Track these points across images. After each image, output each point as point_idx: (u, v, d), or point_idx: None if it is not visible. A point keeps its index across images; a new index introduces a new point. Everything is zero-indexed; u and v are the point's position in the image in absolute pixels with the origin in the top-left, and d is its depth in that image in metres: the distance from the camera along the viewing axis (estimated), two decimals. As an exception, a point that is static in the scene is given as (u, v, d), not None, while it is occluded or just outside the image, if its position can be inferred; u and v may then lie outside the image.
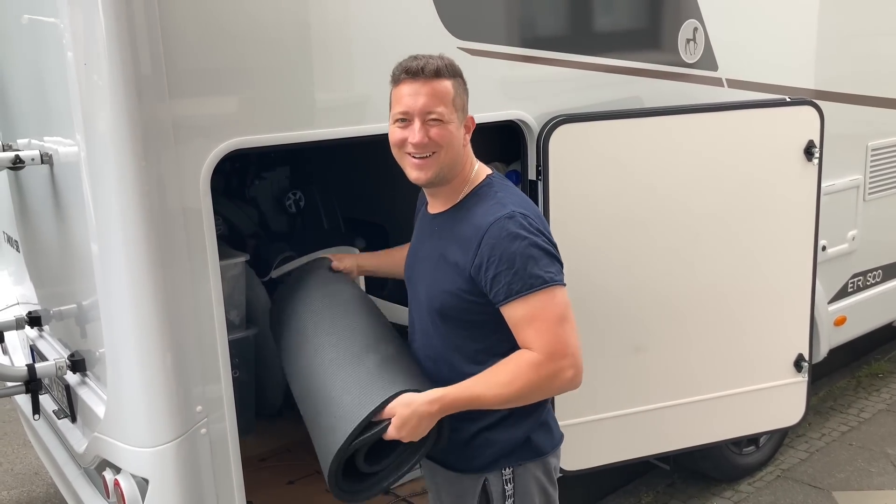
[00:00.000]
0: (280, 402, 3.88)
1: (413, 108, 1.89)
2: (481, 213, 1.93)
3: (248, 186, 4.57)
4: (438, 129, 1.90)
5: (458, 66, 1.97)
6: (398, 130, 1.94)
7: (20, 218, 3.31)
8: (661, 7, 3.14)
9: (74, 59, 2.12)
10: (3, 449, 4.81)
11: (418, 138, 1.89)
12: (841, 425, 4.52)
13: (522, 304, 1.87)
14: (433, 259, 2.03)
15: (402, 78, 1.92)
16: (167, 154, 2.09)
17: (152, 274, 2.11)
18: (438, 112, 1.89)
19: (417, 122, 1.89)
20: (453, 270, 1.95)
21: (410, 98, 1.90)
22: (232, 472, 2.35)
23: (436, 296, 2.01)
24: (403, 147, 1.94)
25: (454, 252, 1.96)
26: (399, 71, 1.94)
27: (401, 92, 1.92)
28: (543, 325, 1.87)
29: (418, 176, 1.95)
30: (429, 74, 1.89)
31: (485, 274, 1.88)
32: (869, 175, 4.22)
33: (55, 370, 2.70)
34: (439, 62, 1.92)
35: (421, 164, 1.93)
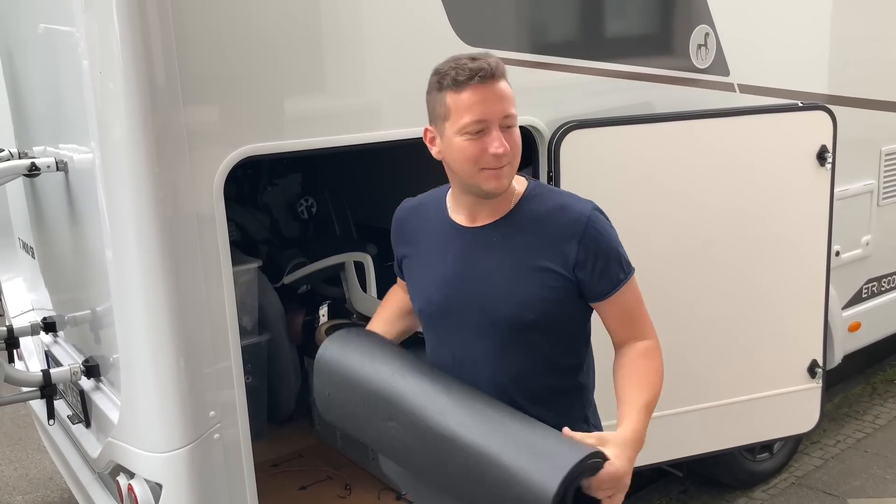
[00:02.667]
0: (292, 407, 3.89)
1: (491, 115, 1.68)
2: (559, 208, 1.81)
3: (261, 193, 4.60)
4: (513, 135, 1.73)
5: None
6: (471, 143, 1.70)
7: (35, 224, 3.34)
8: (672, 13, 3.14)
9: (89, 67, 2.14)
10: (17, 454, 4.84)
11: (504, 147, 1.69)
12: (856, 432, 4.48)
13: (626, 293, 1.82)
14: (505, 270, 1.80)
15: (467, 83, 1.68)
16: (181, 161, 2.11)
17: (166, 280, 2.12)
18: (513, 115, 1.72)
19: (496, 129, 1.69)
20: (546, 274, 1.78)
21: (485, 104, 1.68)
22: (244, 478, 2.36)
23: (521, 308, 1.79)
24: (480, 160, 1.71)
25: (542, 255, 1.78)
26: (462, 75, 1.69)
27: (469, 98, 1.68)
28: (642, 308, 1.88)
29: (497, 186, 1.74)
30: (498, 75, 1.70)
31: (592, 267, 1.77)
32: (883, 180, 4.20)
33: (70, 375, 2.72)
34: (493, 61, 1.72)
35: (500, 173, 1.72)
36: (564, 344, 1.86)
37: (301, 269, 3.93)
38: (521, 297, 1.79)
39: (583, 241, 1.76)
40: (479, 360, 1.84)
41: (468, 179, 1.75)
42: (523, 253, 1.80)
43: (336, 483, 3.43)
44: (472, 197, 1.81)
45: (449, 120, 1.72)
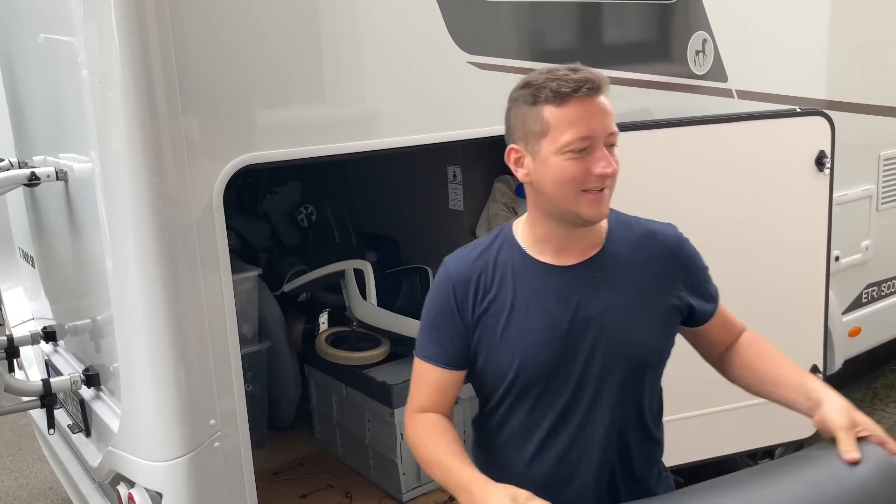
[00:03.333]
0: (293, 415, 3.89)
1: (598, 131, 1.52)
2: (648, 235, 1.70)
3: (261, 201, 4.60)
4: (614, 155, 1.56)
5: None
6: (574, 163, 1.51)
7: (35, 234, 3.34)
8: (670, 19, 3.15)
9: (89, 76, 2.15)
10: (18, 463, 4.83)
11: (612, 168, 1.53)
12: (857, 437, 4.47)
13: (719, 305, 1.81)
14: (619, 310, 1.62)
15: (571, 96, 1.50)
16: (180, 170, 2.11)
17: (166, 289, 2.13)
18: (615, 133, 1.56)
19: (601, 147, 1.53)
20: (660, 309, 1.66)
21: (591, 120, 1.51)
22: (245, 486, 2.35)
23: (645, 350, 1.65)
24: (584, 181, 1.52)
25: (650, 287, 1.65)
26: (566, 87, 1.51)
27: (573, 113, 1.50)
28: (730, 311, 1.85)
29: (598, 212, 1.56)
30: (603, 89, 1.55)
31: (698, 289, 1.73)
32: (882, 185, 4.20)
33: (70, 385, 2.72)
34: (596, 72, 1.56)
35: (601, 197, 1.55)
36: (658, 384, 1.75)
37: (301, 277, 3.93)
38: (644, 338, 1.63)
39: (685, 266, 1.71)
40: (596, 412, 1.64)
41: (565, 205, 1.55)
42: (632, 288, 1.64)
43: (337, 491, 3.43)
44: (565, 228, 1.60)
45: (547, 137, 1.52)
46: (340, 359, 3.51)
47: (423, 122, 2.57)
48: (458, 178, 3.54)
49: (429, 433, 1.66)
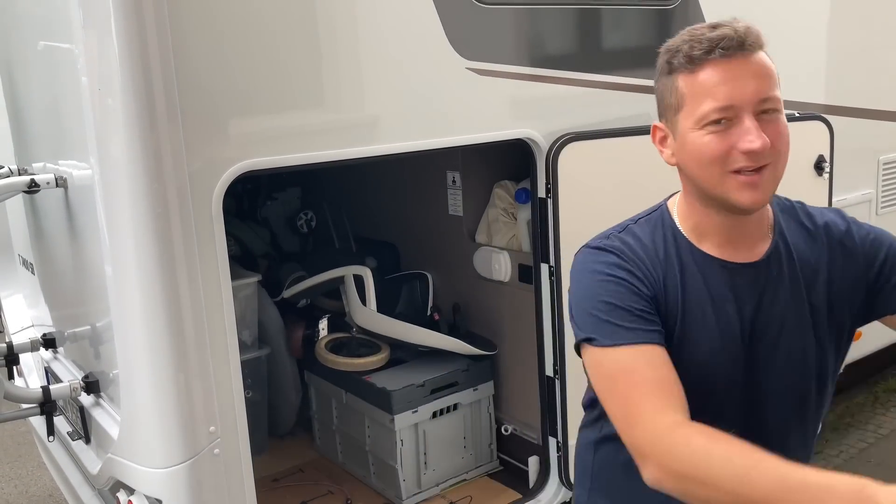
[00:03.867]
0: (293, 421, 3.88)
1: (741, 98, 1.26)
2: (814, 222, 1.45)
3: (260, 207, 4.60)
4: (776, 126, 1.30)
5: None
6: (714, 138, 1.28)
7: (35, 241, 3.34)
8: (668, 24, 3.16)
9: (88, 83, 2.15)
10: (17, 471, 4.83)
11: (760, 142, 1.26)
12: (859, 442, 4.47)
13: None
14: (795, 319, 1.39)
15: (705, 59, 1.27)
16: (180, 176, 2.11)
17: (165, 295, 2.13)
18: (774, 97, 1.30)
19: (748, 119, 1.27)
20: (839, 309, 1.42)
21: (731, 84, 1.26)
22: (245, 493, 2.35)
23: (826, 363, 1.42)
24: (729, 161, 1.28)
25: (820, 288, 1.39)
26: (699, 49, 1.28)
27: (709, 79, 1.27)
28: None
29: (754, 198, 1.30)
30: (751, 46, 1.28)
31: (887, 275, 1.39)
32: (881, 189, 4.20)
33: (69, 392, 2.71)
34: (742, 26, 1.30)
35: (757, 179, 1.28)
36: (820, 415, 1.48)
37: (300, 283, 3.93)
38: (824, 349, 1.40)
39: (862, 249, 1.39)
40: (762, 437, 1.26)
41: (714, 190, 1.31)
42: (808, 291, 1.39)
43: (337, 498, 3.42)
44: (725, 216, 1.36)
45: (683, 110, 1.31)
46: (340, 365, 3.51)
47: (422, 127, 2.57)
48: (458, 184, 3.54)
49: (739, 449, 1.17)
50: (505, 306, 3.41)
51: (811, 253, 1.40)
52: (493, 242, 3.44)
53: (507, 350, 3.41)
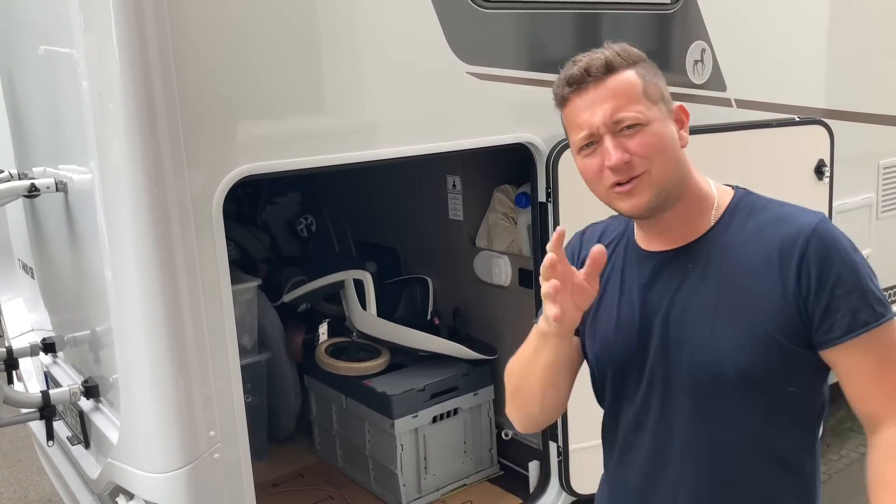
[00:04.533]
0: (293, 426, 3.88)
1: (594, 124, 1.38)
2: (775, 221, 1.41)
3: (260, 211, 4.60)
4: (639, 138, 1.37)
5: (636, 50, 1.46)
6: (588, 161, 1.42)
7: (35, 245, 3.34)
8: (668, 29, 3.16)
9: (89, 88, 2.15)
10: (16, 476, 4.82)
11: (615, 158, 1.36)
12: (860, 447, 4.46)
13: (872, 342, 1.33)
14: (701, 309, 1.42)
15: (567, 94, 1.42)
16: (180, 181, 2.11)
17: (165, 299, 2.12)
18: (630, 115, 1.37)
19: (608, 138, 1.38)
20: (756, 314, 1.37)
21: (587, 112, 1.39)
22: (245, 498, 2.34)
23: (728, 360, 1.38)
24: (601, 179, 1.41)
25: (752, 287, 1.38)
26: (560, 86, 1.44)
27: (573, 111, 1.42)
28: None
29: (633, 206, 1.40)
30: (598, 73, 1.39)
31: (815, 300, 1.33)
32: (881, 193, 4.20)
33: (69, 396, 2.71)
34: (606, 53, 1.41)
35: (629, 189, 1.39)
36: (784, 414, 1.42)
37: (301, 288, 3.93)
38: (721, 346, 1.38)
39: (804, 262, 1.34)
40: (665, 423, 1.46)
41: (605, 202, 1.46)
42: (724, 286, 1.40)
43: (337, 502, 3.41)
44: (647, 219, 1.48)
45: (569, 139, 1.46)
46: (340, 369, 3.50)
47: (422, 132, 2.57)
48: (458, 188, 3.54)
49: None
50: (505, 311, 3.41)
51: (751, 249, 1.41)
52: (493, 247, 3.44)
53: (507, 354, 3.38)
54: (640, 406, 1.49)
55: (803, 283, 1.34)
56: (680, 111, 1.49)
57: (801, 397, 1.43)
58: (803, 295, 1.35)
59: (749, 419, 1.42)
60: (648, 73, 1.44)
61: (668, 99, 1.46)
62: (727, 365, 1.38)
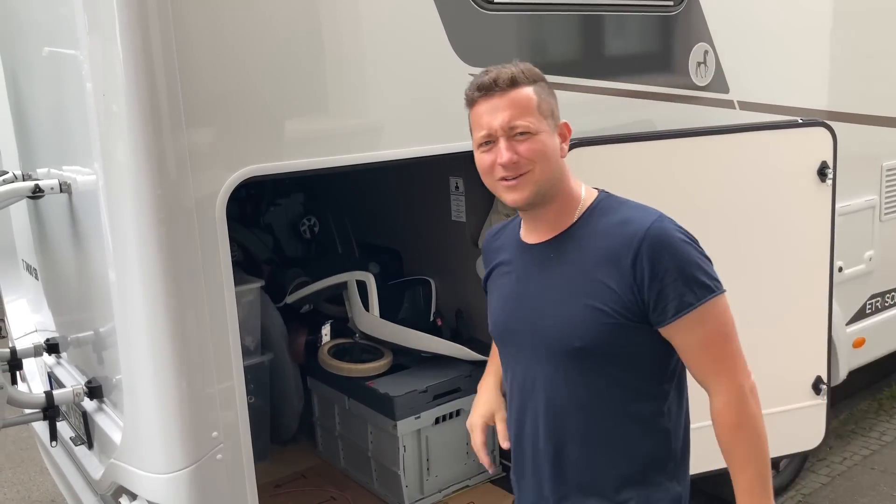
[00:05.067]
0: (295, 427, 3.88)
1: (494, 127, 1.67)
2: (621, 222, 1.69)
3: (264, 213, 4.61)
4: (528, 144, 1.67)
5: (537, 71, 1.74)
6: (484, 156, 1.71)
7: (39, 246, 3.35)
8: (671, 31, 3.16)
9: (93, 89, 2.16)
10: (20, 476, 4.83)
11: (506, 157, 1.66)
12: (863, 449, 4.45)
13: (696, 321, 1.63)
14: (555, 291, 1.73)
15: (476, 97, 1.70)
16: (183, 182, 2.12)
17: (168, 300, 2.13)
18: (523, 124, 1.66)
19: (502, 140, 1.67)
20: (598, 296, 1.66)
21: (489, 116, 1.68)
22: (247, 499, 2.34)
23: (574, 332, 1.68)
24: (493, 172, 1.70)
25: (595, 274, 1.67)
26: (471, 90, 1.72)
27: (478, 112, 1.71)
28: (724, 342, 1.68)
29: (515, 198, 1.70)
30: (503, 85, 1.67)
31: (649, 288, 1.62)
32: (884, 195, 4.20)
33: (72, 397, 2.72)
34: (513, 69, 1.69)
35: (515, 184, 1.68)
36: (632, 378, 1.71)
37: (303, 289, 3.94)
38: (569, 321, 1.69)
39: (639, 257, 1.62)
40: (536, 384, 1.77)
41: (494, 192, 1.75)
42: (576, 272, 1.70)
43: (339, 504, 3.42)
44: (526, 212, 1.78)
45: (472, 135, 1.75)
46: (343, 370, 3.51)
47: (425, 133, 2.58)
48: (461, 190, 3.54)
49: None
50: (508, 312, 3.41)
51: (599, 244, 1.69)
52: (495, 248, 3.44)
53: (509, 356, 3.40)
54: (519, 371, 1.81)
55: (638, 276, 1.63)
56: (564, 127, 1.78)
57: (644, 363, 1.70)
58: (639, 284, 1.63)
59: (599, 382, 1.71)
60: (544, 91, 1.73)
61: (556, 116, 1.75)
62: (574, 338, 1.68)
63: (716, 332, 1.68)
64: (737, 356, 1.71)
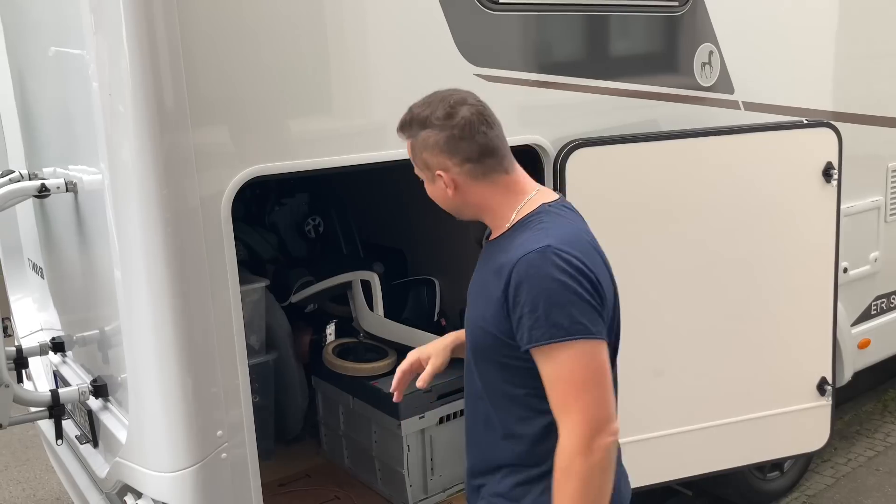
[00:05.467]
0: (300, 426, 3.89)
1: None
2: (518, 244, 1.72)
3: (269, 212, 4.62)
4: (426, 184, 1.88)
5: (428, 118, 1.77)
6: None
7: (45, 245, 3.36)
8: (676, 31, 3.16)
9: (99, 89, 2.17)
10: (25, 474, 4.84)
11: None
12: (867, 450, 4.44)
13: (545, 357, 1.65)
14: (477, 289, 1.86)
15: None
16: (189, 182, 2.12)
17: (173, 300, 2.14)
18: (416, 171, 1.87)
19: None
20: (490, 305, 1.75)
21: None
22: (252, 497, 2.35)
23: (474, 330, 1.82)
24: None
25: (492, 283, 1.75)
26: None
27: None
28: (568, 388, 1.64)
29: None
30: (399, 129, 1.84)
31: (511, 313, 1.69)
32: (890, 196, 4.19)
33: (78, 395, 2.73)
34: (407, 115, 1.81)
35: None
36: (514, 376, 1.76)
37: (308, 288, 3.94)
38: (475, 319, 1.83)
39: (510, 283, 1.67)
40: (465, 369, 1.95)
41: None
42: (486, 277, 1.80)
43: (343, 503, 3.42)
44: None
45: None
46: (347, 370, 3.51)
47: (430, 133, 2.57)
48: (465, 190, 3.54)
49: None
50: (512, 312, 3.41)
51: (502, 255, 1.75)
52: (500, 248, 3.44)
53: (514, 356, 3.40)
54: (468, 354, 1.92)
55: (508, 300, 1.69)
56: (439, 176, 1.81)
57: (517, 368, 1.74)
58: (509, 307, 1.70)
59: (484, 376, 1.83)
60: (418, 146, 1.80)
61: (431, 166, 1.81)
62: (474, 335, 1.83)
63: (564, 375, 1.65)
64: (586, 407, 1.63)
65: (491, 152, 1.79)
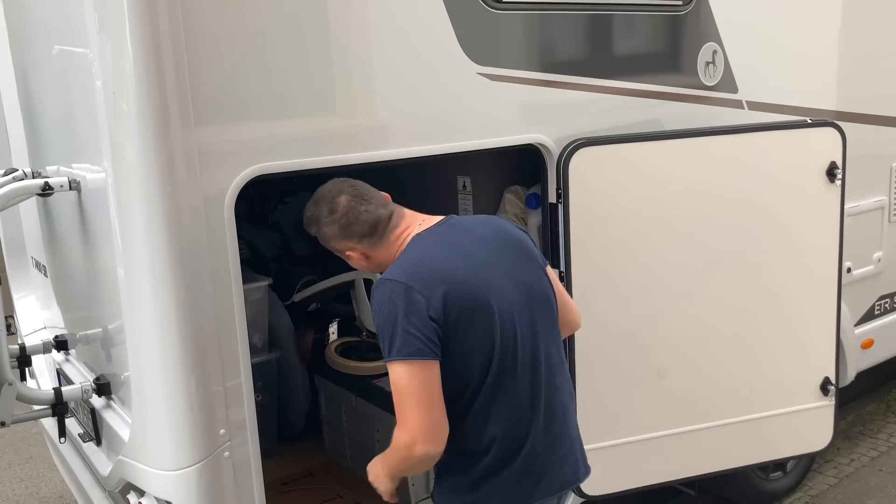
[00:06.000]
0: (302, 425, 3.89)
1: None
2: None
3: (272, 211, 4.62)
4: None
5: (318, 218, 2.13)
6: None
7: (48, 243, 3.36)
8: (680, 30, 3.16)
9: (103, 87, 2.17)
10: (28, 472, 4.85)
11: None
12: (870, 450, 4.44)
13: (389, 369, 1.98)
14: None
15: None
16: (192, 180, 2.12)
17: (177, 298, 2.14)
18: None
19: None
20: None
21: None
22: (255, 496, 2.35)
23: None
24: None
25: None
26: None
27: None
28: (400, 399, 1.96)
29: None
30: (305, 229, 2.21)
31: None
32: (894, 196, 4.18)
33: (81, 394, 2.73)
34: (304, 219, 2.18)
35: None
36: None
37: (311, 287, 3.94)
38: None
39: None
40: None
41: None
42: None
43: (346, 502, 3.43)
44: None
45: None
46: (350, 369, 3.51)
47: (433, 132, 2.58)
48: (468, 189, 3.54)
49: None
50: (515, 311, 3.40)
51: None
52: (503, 247, 3.43)
53: (516, 355, 3.40)
54: None
55: None
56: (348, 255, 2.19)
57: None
58: None
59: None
60: (323, 239, 2.17)
61: (341, 250, 2.19)
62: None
63: (392, 386, 1.96)
64: (403, 418, 1.94)
65: (377, 222, 2.11)
